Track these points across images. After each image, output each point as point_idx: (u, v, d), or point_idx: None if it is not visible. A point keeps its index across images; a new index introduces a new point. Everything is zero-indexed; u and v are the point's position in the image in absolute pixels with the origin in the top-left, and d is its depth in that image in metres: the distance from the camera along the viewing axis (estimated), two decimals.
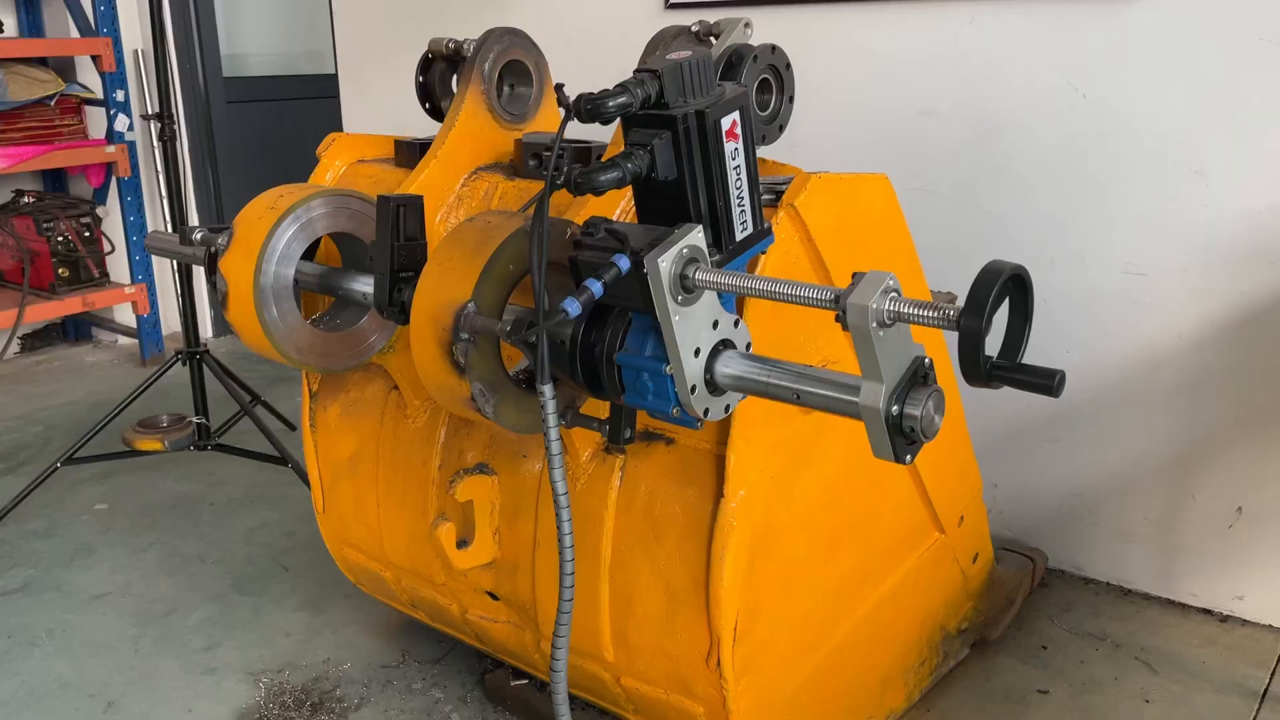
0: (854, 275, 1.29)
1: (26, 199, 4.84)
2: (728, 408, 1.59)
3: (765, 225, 1.59)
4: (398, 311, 1.90)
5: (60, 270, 4.78)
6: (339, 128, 4.51)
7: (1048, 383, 1.21)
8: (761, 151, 2.06)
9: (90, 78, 4.91)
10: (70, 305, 4.79)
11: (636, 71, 1.45)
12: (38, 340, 5.40)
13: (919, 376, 1.34)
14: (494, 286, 1.66)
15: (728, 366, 1.52)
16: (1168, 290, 2.75)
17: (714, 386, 1.54)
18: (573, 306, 1.39)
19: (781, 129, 2.01)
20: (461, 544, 2.17)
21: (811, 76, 3.20)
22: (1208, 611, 2.85)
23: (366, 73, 4.30)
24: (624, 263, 1.42)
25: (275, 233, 1.98)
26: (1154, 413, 2.84)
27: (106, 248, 4.95)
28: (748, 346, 1.59)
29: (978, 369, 1.20)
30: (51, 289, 4.80)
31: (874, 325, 1.26)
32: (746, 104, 1.49)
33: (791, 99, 2.00)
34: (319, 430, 2.51)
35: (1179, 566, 2.89)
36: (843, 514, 2.10)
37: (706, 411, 1.55)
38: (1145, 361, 2.83)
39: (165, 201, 3.66)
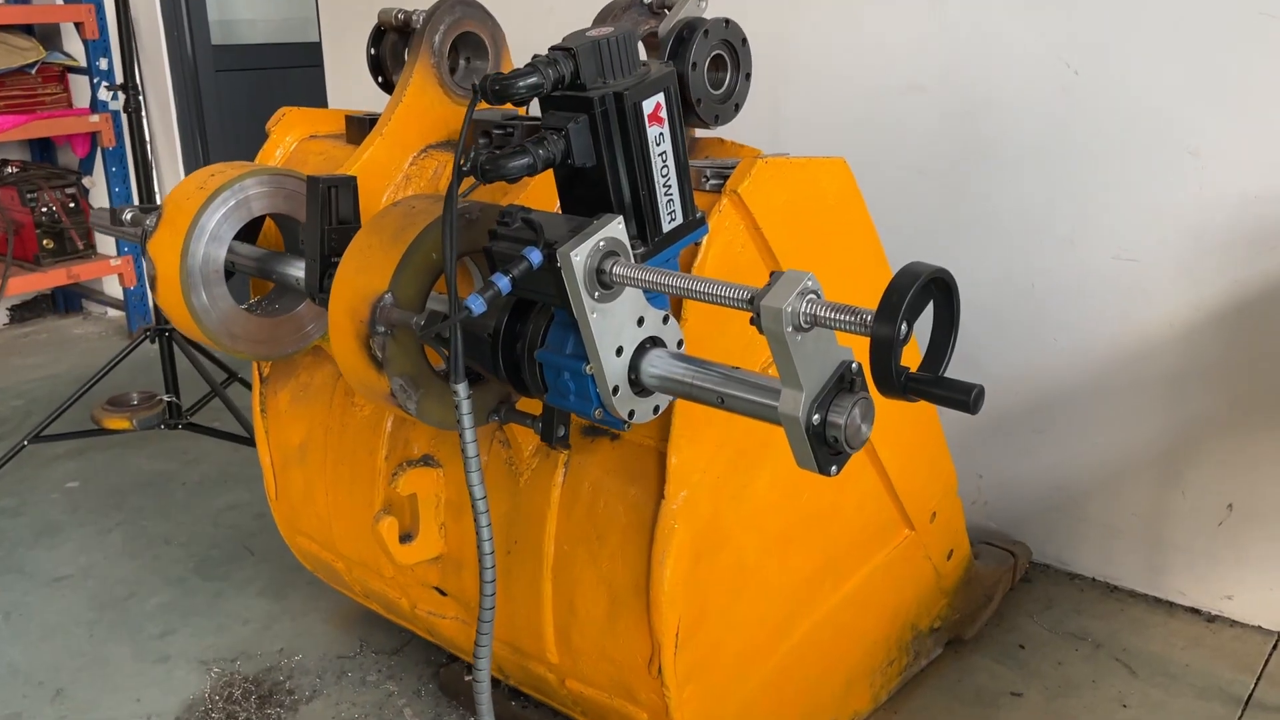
0: (771, 275, 1.19)
1: (10, 169, 4.77)
2: (657, 409, 1.49)
3: (698, 215, 1.48)
4: (329, 299, 1.81)
5: (45, 242, 4.72)
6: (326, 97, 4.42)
7: (964, 398, 1.11)
8: (718, 132, 1.95)
9: (75, 45, 4.83)
10: (54, 278, 4.73)
11: (551, 49, 1.35)
12: (27, 311, 5.35)
13: (844, 383, 1.25)
14: (414, 276, 1.57)
15: (653, 366, 1.43)
16: (1159, 277, 2.62)
17: (639, 387, 1.44)
18: (476, 304, 1.30)
19: (738, 108, 1.90)
20: (405, 538, 2.10)
21: (796, 51, 3.08)
22: (1195, 611, 2.75)
23: (350, 41, 4.19)
24: (535, 256, 1.32)
25: (203, 213, 1.89)
26: (1143, 404, 2.72)
27: (93, 220, 4.87)
28: (679, 345, 1.49)
29: (890, 380, 1.10)
30: (36, 261, 4.74)
31: (789, 329, 1.16)
32: (673, 85, 1.39)
33: (748, 76, 1.89)
34: (269, 416, 2.43)
35: (1167, 563, 2.79)
36: (799, 512, 2.01)
37: (632, 414, 1.45)
38: (1135, 350, 2.71)
39: (134, 174, 3.57)
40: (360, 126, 2.30)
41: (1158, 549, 2.79)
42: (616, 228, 1.35)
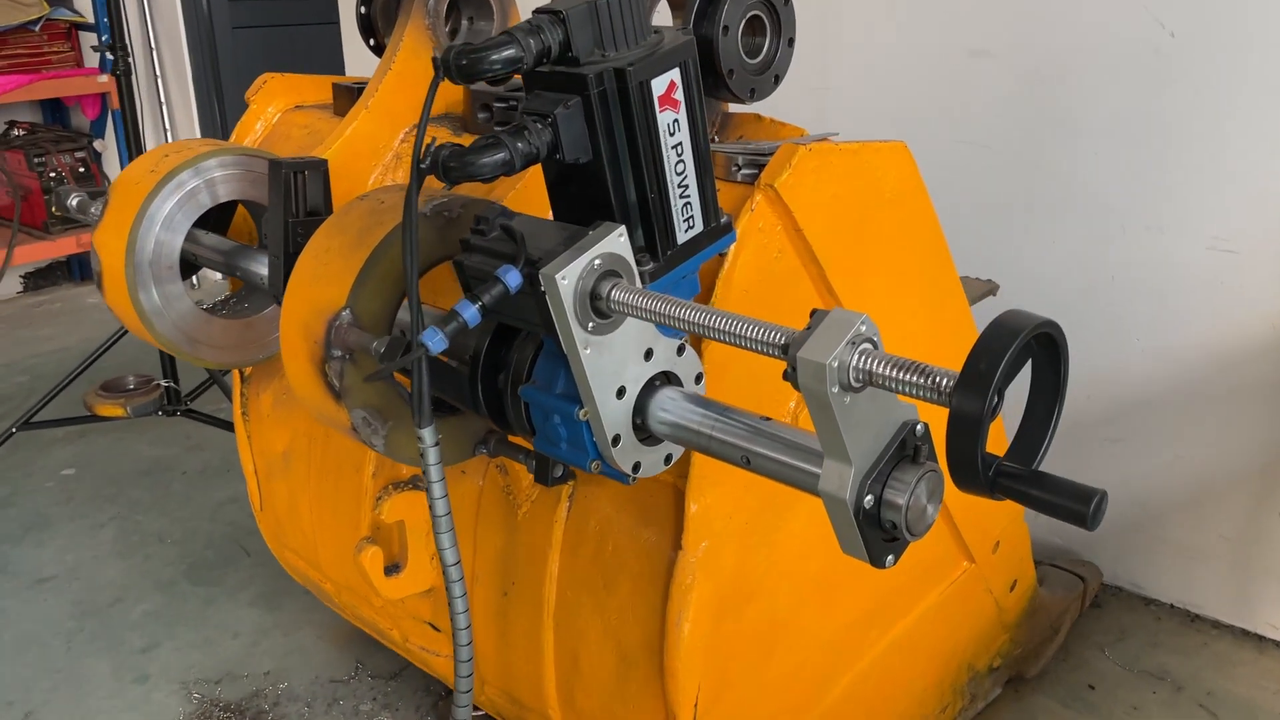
0: (813, 315, 0.90)
1: (17, 132, 4.56)
2: (669, 458, 1.22)
3: (723, 220, 1.19)
4: None
5: (54, 208, 4.50)
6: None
7: (1079, 508, 0.82)
8: (754, 108, 1.65)
9: (84, 2, 4.59)
10: (64, 246, 4.52)
11: (536, 12, 1.06)
12: (41, 279, 5.17)
13: (907, 451, 0.96)
14: (378, 289, 1.29)
15: (664, 410, 1.15)
16: (1261, 270, 2.29)
17: (646, 433, 1.17)
18: (434, 340, 1.02)
19: (778, 79, 1.60)
20: (392, 569, 1.85)
21: (843, 10, 2.75)
22: None
23: None
24: (512, 278, 1.04)
25: (153, 200, 1.63)
26: (1236, 413, 2.40)
27: (103, 184, 4.66)
28: (698, 379, 1.21)
29: (974, 471, 0.81)
30: (45, 228, 4.54)
31: (834, 389, 0.87)
32: (692, 57, 1.09)
33: (791, 41, 1.59)
34: (252, 420, 2.19)
35: (1257, 592, 2.47)
36: (841, 555, 1.73)
37: (637, 466, 1.18)
38: (1229, 353, 2.38)
39: (126, 141, 3.33)
40: (349, 96, 2.02)
41: (1247, 576, 2.48)
42: (616, 241, 1.06)
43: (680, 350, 1.18)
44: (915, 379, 0.84)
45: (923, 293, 1.63)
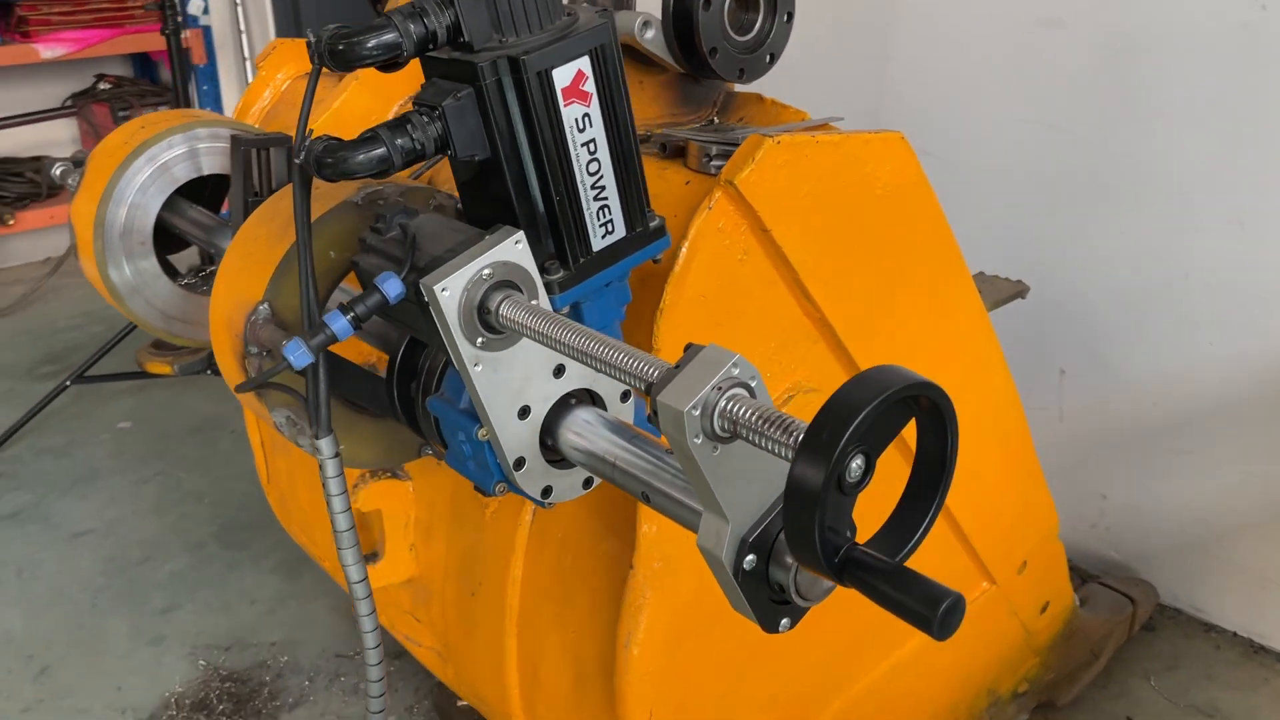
0: (686, 350, 0.79)
1: (104, 85, 4.65)
2: (588, 483, 1.11)
3: (654, 223, 1.07)
4: None
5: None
6: None
7: (925, 613, 0.69)
8: (753, 87, 1.52)
9: None
10: None
11: None
12: None
13: None
14: (299, 283, 1.21)
15: (576, 434, 1.04)
16: None
17: (560, 455, 1.06)
18: (296, 353, 0.94)
19: (773, 58, 1.46)
20: (370, 558, 1.79)
21: None
22: None
23: None
24: (392, 288, 0.95)
25: (123, 174, 1.58)
26: None
27: None
28: (625, 397, 1.10)
29: (811, 551, 0.69)
30: None
31: (696, 440, 0.76)
32: (608, 42, 0.97)
33: (790, 16, 1.44)
34: None
35: None
36: None
37: (548, 491, 1.08)
38: None
39: (176, 99, 3.34)
40: None
41: None
42: (512, 248, 0.96)
43: None
44: (780, 435, 0.72)
45: (926, 297, 1.48)
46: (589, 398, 1.08)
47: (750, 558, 0.82)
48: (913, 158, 1.38)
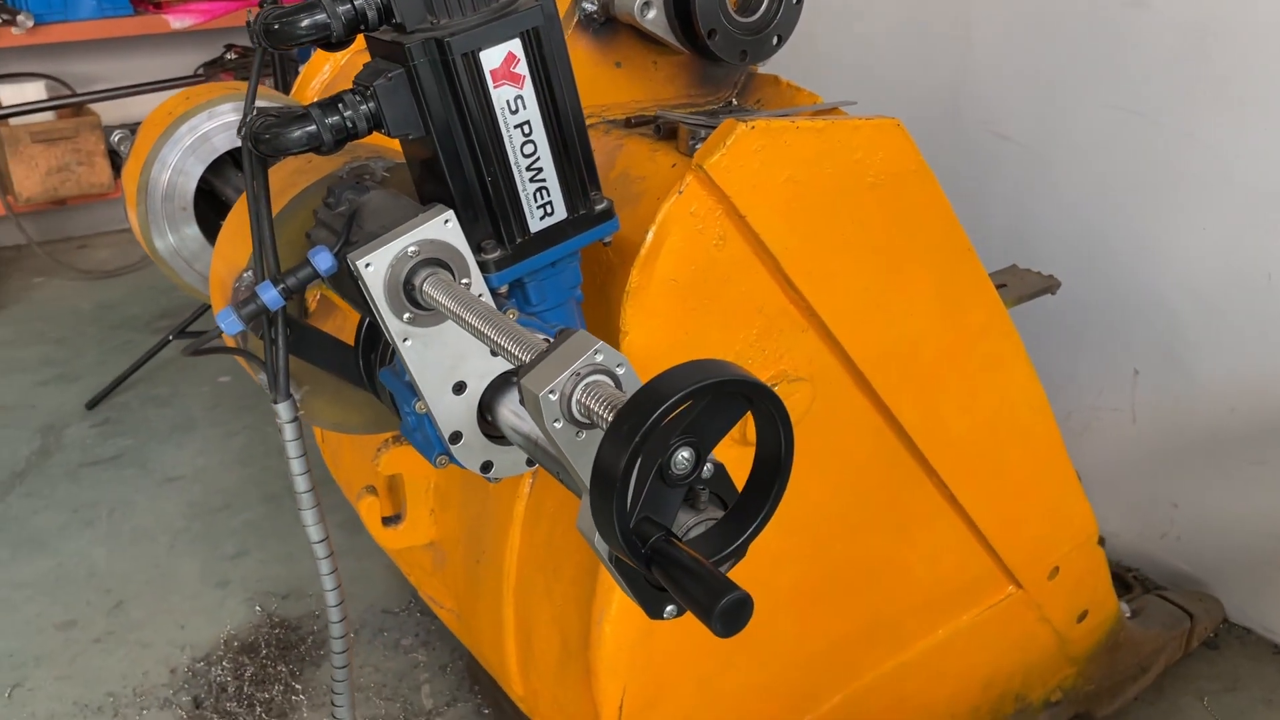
0: (558, 334, 0.79)
1: (232, 54, 4.87)
2: (531, 461, 1.13)
3: (599, 206, 1.07)
4: None
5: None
6: None
7: (704, 603, 0.67)
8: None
9: None
10: None
11: None
12: None
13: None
14: (282, 253, 1.26)
15: (512, 412, 1.06)
16: None
17: (498, 433, 1.08)
18: (228, 322, 0.98)
19: (780, 40, 1.43)
20: (392, 520, 1.86)
21: None
22: None
23: None
24: (322, 261, 0.99)
25: (164, 143, 1.67)
26: None
27: None
28: None
29: (611, 533, 0.68)
30: None
31: (556, 424, 0.76)
32: (542, 24, 0.97)
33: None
34: None
35: None
36: (828, 565, 1.58)
37: (488, 466, 1.10)
38: None
39: (276, 77, 3.47)
40: None
41: None
42: (440, 227, 0.98)
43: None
44: (607, 414, 0.72)
45: (930, 290, 1.44)
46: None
47: None
48: (910, 144, 1.33)
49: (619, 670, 1.42)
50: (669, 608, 0.87)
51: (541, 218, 1.04)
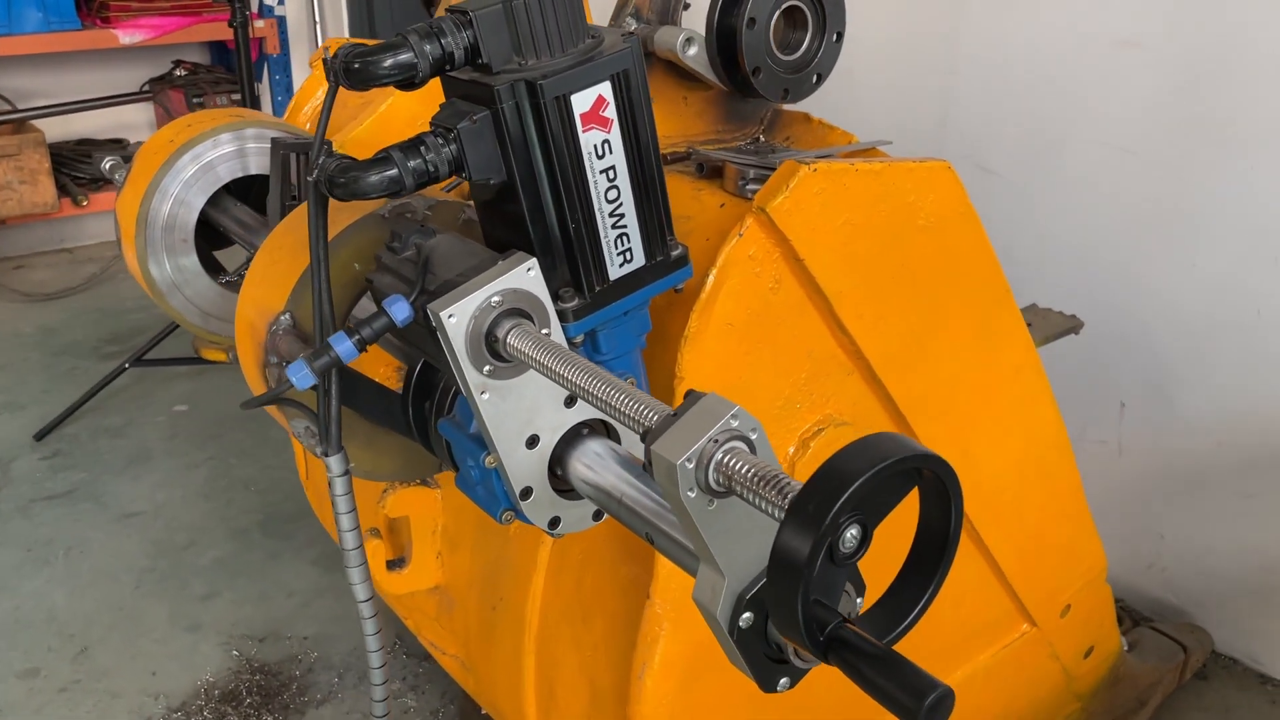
0: (687, 396, 0.75)
1: (180, 71, 4.74)
2: (598, 514, 1.08)
3: (676, 252, 1.04)
4: None
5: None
6: None
7: (912, 706, 0.64)
8: (803, 106, 1.48)
9: None
10: None
11: (449, 10, 0.93)
12: None
13: None
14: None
15: (586, 466, 1.01)
16: None
17: (568, 487, 1.04)
18: (299, 374, 0.92)
19: (820, 78, 1.41)
20: (396, 564, 1.79)
21: None
22: None
23: None
24: (399, 311, 0.93)
25: (166, 173, 1.59)
26: None
27: None
28: None
29: (793, 621, 0.65)
30: None
31: (690, 493, 0.72)
32: (632, 68, 0.94)
33: (840, 36, 1.39)
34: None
35: None
36: None
37: (555, 522, 1.05)
38: None
39: (243, 91, 3.38)
40: None
41: None
42: (523, 275, 0.93)
43: None
44: (771, 494, 0.68)
45: (970, 332, 1.42)
46: (603, 428, 1.05)
47: (747, 615, 0.79)
48: (959, 187, 1.32)
49: None
50: (783, 680, 0.83)
51: (621, 265, 1.00)
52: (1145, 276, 2.31)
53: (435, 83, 1.83)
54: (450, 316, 0.90)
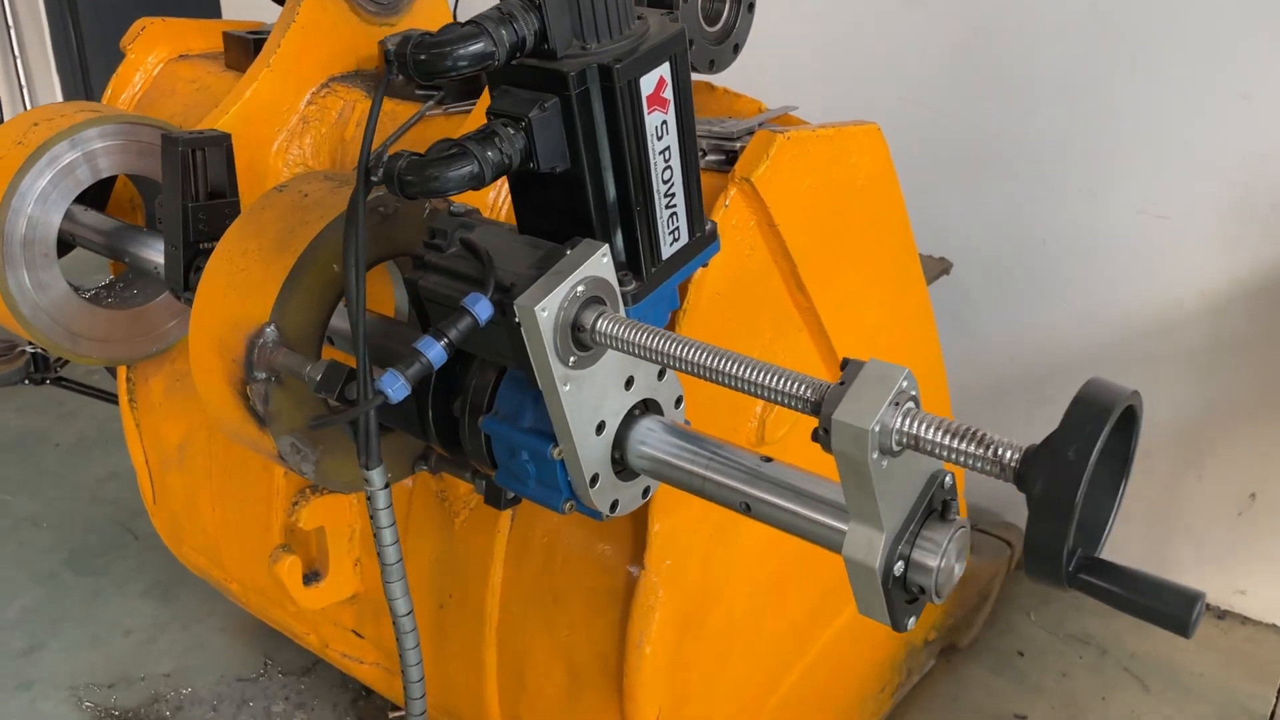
0: (844, 365, 0.79)
1: None
2: (646, 491, 1.10)
3: (708, 227, 1.06)
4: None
5: None
6: None
7: (1179, 613, 0.73)
8: (710, 78, 1.52)
9: None
10: None
11: None
12: None
13: (935, 506, 0.86)
14: (306, 302, 1.12)
15: (645, 444, 1.03)
16: (1192, 238, 2.27)
17: (624, 467, 1.04)
18: (394, 386, 0.88)
19: (737, 49, 1.46)
20: (312, 577, 1.70)
21: None
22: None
23: None
24: (483, 309, 0.90)
25: (23, 178, 1.41)
26: (1163, 378, 2.40)
27: None
28: (678, 403, 1.09)
29: (1054, 564, 0.72)
30: None
31: (874, 455, 0.76)
32: (682, 49, 0.95)
33: (752, 7, 1.45)
34: (140, 408, 1.98)
35: (1175, 554, 2.52)
36: (797, 547, 1.65)
37: (615, 505, 1.06)
38: (1158, 320, 2.37)
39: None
40: (243, 48, 1.80)
41: (1165, 537, 2.51)
42: (600, 263, 0.92)
43: (661, 373, 1.05)
44: (973, 449, 0.74)
45: (890, 283, 1.54)
46: (645, 407, 1.06)
47: (899, 564, 0.84)
48: (886, 148, 1.42)
49: (657, 689, 1.41)
50: (910, 619, 0.90)
51: (671, 244, 1.01)
52: (944, 218, 2.54)
53: (300, 62, 1.71)
54: (543, 310, 0.88)
